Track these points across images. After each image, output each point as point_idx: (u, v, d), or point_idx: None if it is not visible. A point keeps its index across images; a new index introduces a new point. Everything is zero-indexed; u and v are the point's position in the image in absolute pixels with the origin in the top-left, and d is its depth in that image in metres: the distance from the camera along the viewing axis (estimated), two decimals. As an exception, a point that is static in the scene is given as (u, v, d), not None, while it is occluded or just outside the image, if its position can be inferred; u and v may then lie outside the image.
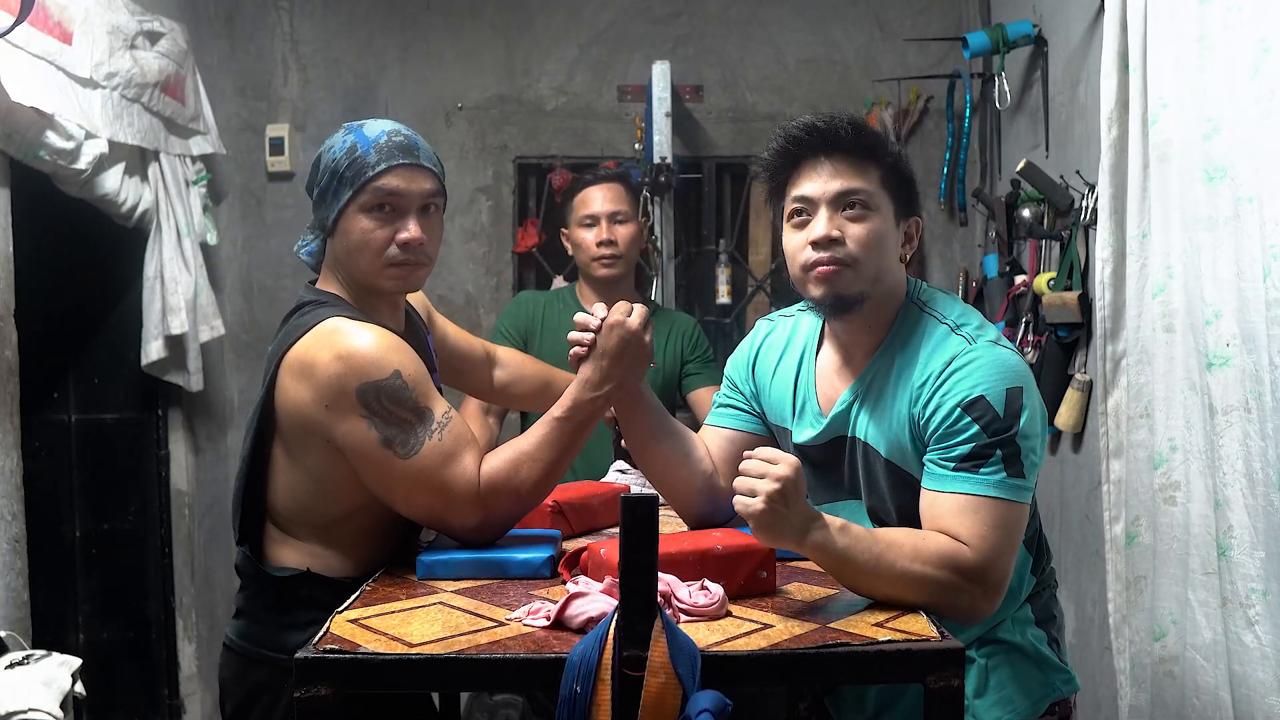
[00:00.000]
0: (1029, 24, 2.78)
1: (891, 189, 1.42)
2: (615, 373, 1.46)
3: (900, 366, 1.41)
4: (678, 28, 3.43)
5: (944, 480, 1.31)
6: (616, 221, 2.48)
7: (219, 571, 3.27)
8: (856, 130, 1.40)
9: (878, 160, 1.40)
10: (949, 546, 1.27)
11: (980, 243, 3.29)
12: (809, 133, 1.40)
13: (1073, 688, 1.47)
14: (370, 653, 1.09)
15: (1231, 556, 1.76)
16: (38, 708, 1.78)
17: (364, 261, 1.49)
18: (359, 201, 1.47)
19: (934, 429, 1.34)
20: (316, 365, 1.39)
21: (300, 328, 1.44)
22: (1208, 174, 1.83)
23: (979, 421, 1.30)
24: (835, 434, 1.48)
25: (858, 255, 1.38)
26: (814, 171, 1.40)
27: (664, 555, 1.12)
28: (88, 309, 2.89)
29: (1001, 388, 1.32)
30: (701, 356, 2.56)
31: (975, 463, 1.30)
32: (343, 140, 1.49)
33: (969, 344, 1.37)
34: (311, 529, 1.48)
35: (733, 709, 1.02)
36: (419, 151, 1.50)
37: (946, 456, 1.32)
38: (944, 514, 1.30)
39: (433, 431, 1.41)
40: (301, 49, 3.40)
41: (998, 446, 1.30)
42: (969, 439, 1.30)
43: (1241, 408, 1.75)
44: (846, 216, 1.39)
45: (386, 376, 1.38)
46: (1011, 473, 1.30)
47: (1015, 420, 1.30)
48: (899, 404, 1.40)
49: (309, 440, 1.42)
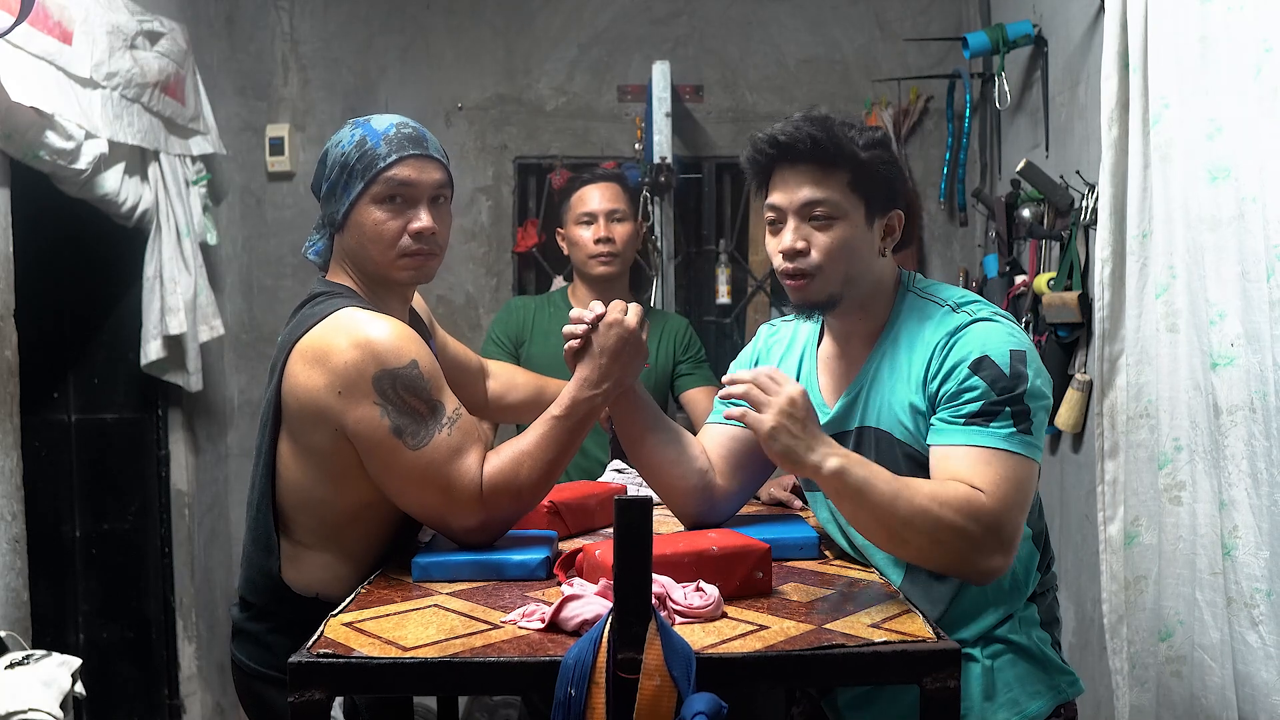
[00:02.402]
0: (1029, 24, 2.78)
1: (863, 190, 1.43)
2: (613, 370, 1.47)
3: (905, 348, 1.44)
4: (678, 28, 3.43)
5: (955, 434, 1.34)
6: (614, 220, 2.48)
7: (219, 571, 3.28)
8: (815, 143, 1.40)
9: (844, 166, 1.41)
10: (966, 492, 1.29)
11: (980, 243, 3.28)
12: (772, 145, 1.43)
13: (1077, 690, 1.47)
14: (365, 656, 1.09)
15: (1236, 556, 1.76)
16: (38, 708, 1.78)
17: (377, 253, 1.49)
18: (371, 193, 1.47)
19: (943, 394, 1.37)
20: (331, 352, 1.38)
21: (313, 316, 1.43)
22: (1210, 174, 1.83)
23: (985, 379, 1.33)
24: (841, 427, 1.49)
25: (822, 264, 1.42)
26: (782, 180, 1.44)
27: (659, 557, 1.12)
28: (88, 309, 2.89)
29: (1005, 349, 1.35)
30: (694, 357, 2.56)
31: (985, 418, 1.33)
32: (350, 134, 1.49)
33: (969, 317, 1.41)
34: (320, 533, 1.46)
35: (728, 711, 1.02)
36: (428, 143, 1.51)
37: (956, 414, 1.35)
38: (957, 466, 1.33)
39: (443, 425, 1.41)
40: (301, 49, 3.40)
41: (1006, 404, 1.33)
42: (978, 396, 1.34)
43: (1246, 408, 1.75)
44: (813, 225, 1.43)
45: (404, 365, 1.38)
46: (1021, 429, 1.33)
47: (1021, 381, 1.34)
48: (908, 384, 1.42)
49: (317, 429, 1.41)
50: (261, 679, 1.47)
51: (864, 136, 1.43)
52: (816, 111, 1.46)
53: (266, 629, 1.47)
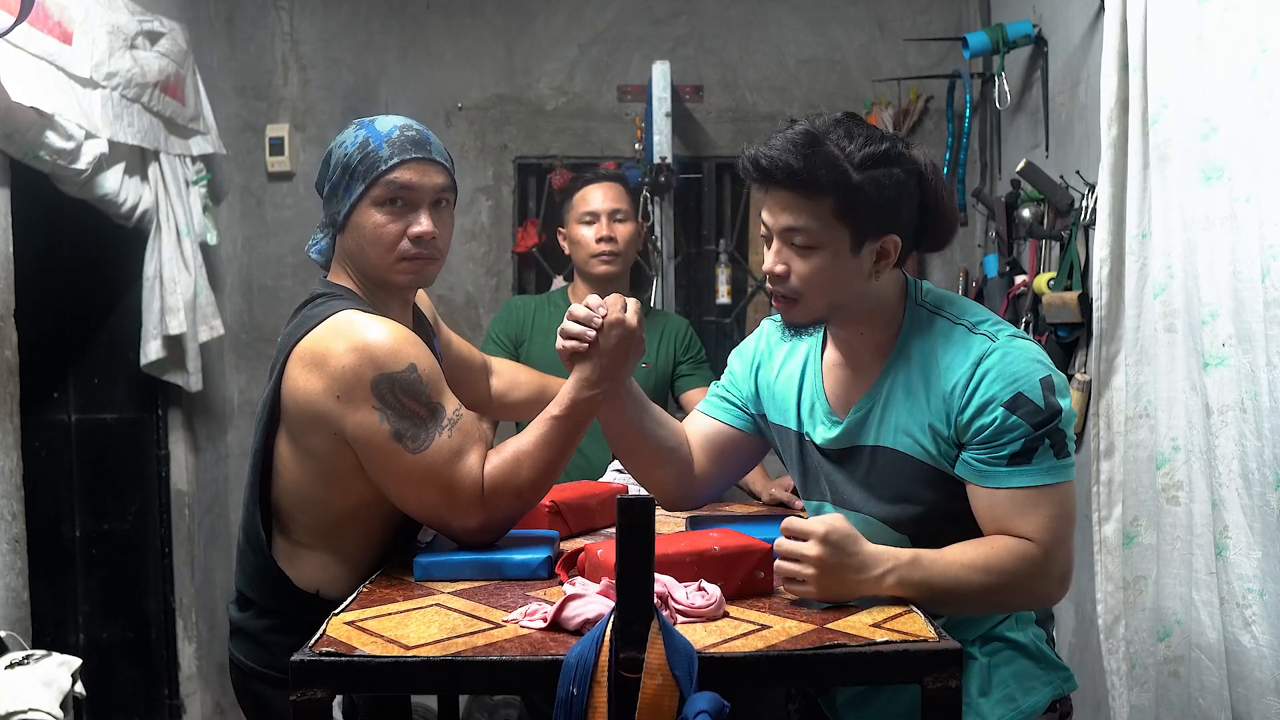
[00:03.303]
0: (1029, 24, 2.78)
1: (849, 217, 1.33)
2: (613, 370, 1.47)
3: (922, 371, 1.40)
4: (678, 28, 3.43)
5: (999, 478, 1.34)
6: (616, 220, 2.48)
7: (219, 571, 3.28)
8: (793, 174, 1.32)
9: (828, 193, 1.32)
10: (1017, 547, 1.32)
11: (980, 243, 3.29)
12: (755, 167, 1.36)
13: (1071, 685, 1.48)
14: (367, 655, 1.09)
15: (1228, 557, 1.76)
16: (38, 708, 1.78)
17: (376, 256, 1.49)
18: (371, 195, 1.47)
19: (976, 430, 1.34)
20: (330, 356, 1.38)
21: (313, 319, 1.43)
22: (1205, 174, 1.83)
23: (1023, 417, 1.32)
24: (851, 442, 1.47)
25: (802, 291, 1.38)
26: (770, 199, 1.39)
27: (661, 556, 1.12)
28: (88, 309, 2.89)
29: (1036, 380, 1.33)
30: (694, 357, 2.56)
31: (1027, 455, 1.32)
32: (354, 135, 1.49)
33: (991, 341, 1.37)
34: (318, 533, 1.46)
35: (730, 710, 1.02)
36: (431, 146, 1.50)
37: (997, 455, 1.34)
38: (1005, 512, 1.34)
39: (443, 427, 1.40)
40: (301, 49, 3.40)
41: (1045, 436, 1.33)
42: (1018, 436, 1.32)
43: (1237, 408, 1.75)
44: (793, 250, 1.37)
45: (402, 369, 1.38)
46: (1060, 455, 1.33)
47: (1056, 410, 1.33)
48: (927, 407, 1.39)
49: (315, 432, 1.41)
50: (260, 678, 1.46)
51: (864, 152, 1.32)
52: (816, 124, 1.36)
53: (264, 628, 1.47)
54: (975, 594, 1.30)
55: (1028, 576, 1.31)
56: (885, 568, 1.26)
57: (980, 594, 1.30)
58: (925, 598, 1.27)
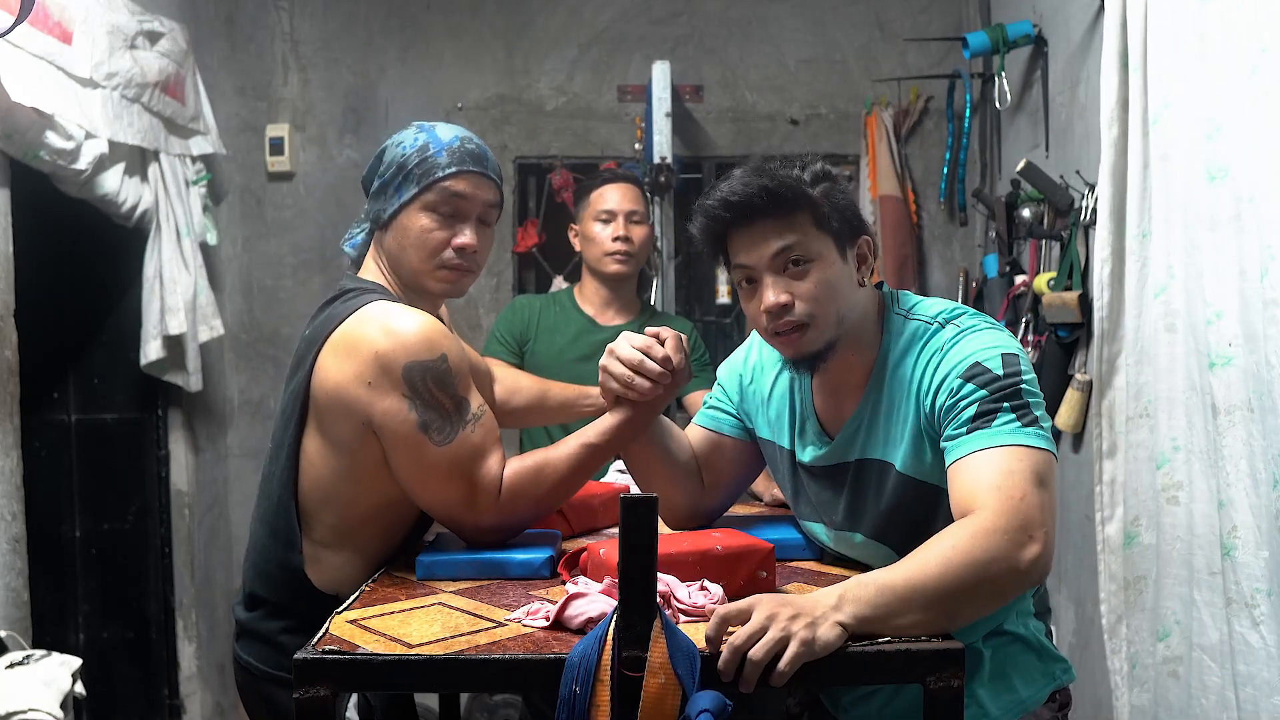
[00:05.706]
0: (1029, 24, 2.78)
1: (827, 226, 1.36)
2: (657, 412, 1.51)
3: (900, 375, 1.40)
4: (678, 28, 3.43)
5: (961, 446, 1.28)
6: (633, 221, 2.48)
7: (219, 571, 3.27)
8: (770, 194, 1.33)
9: (803, 205, 1.35)
10: (967, 526, 1.20)
11: (980, 243, 3.29)
12: (727, 208, 1.35)
13: (1070, 677, 1.49)
14: (369, 653, 1.09)
15: (1236, 557, 1.76)
16: (38, 708, 1.78)
17: (417, 259, 1.49)
18: (424, 199, 1.48)
19: (941, 409, 1.32)
20: (363, 341, 1.38)
21: (345, 312, 1.43)
22: (1209, 174, 1.83)
23: (980, 383, 1.29)
24: (839, 459, 1.46)
25: (813, 312, 1.36)
26: (744, 239, 1.36)
27: (663, 555, 1.12)
28: (88, 309, 2.89)
29: (996, 353, 1.31)
30: (698, 361, 2.56)
31: (986, 418, 1.27)
32: (414, 138, 1.50)
33: (956, 329, 1.37)
34: (340, 532, 1.45)
35: (732, 709, 1.02)
36: (488, 162, 1.52)
37: (958, 425, 1.29)
38: (966, 480, 1.26)
39: (468, 423, 1.41)
40: (301, 49, 3.40)
41: (1004, 400, 1.28)
42: (974, 400, 1.29)
43: (1244, 407, 1.75)
44: (790, 275, 1.36)
45: (434, 359, 1.38)
46: (1025, 421, 1.27)
47: (1016, 378, 1.29)
48: (906, 410, 1.38)
49: (344, 421, 1.40)
50: (272, 681, 1.45)
51: (808, 171, 1.37)
52: (755, 161, 1.38)
53: (279, 628, 1.46)
54: (939, 583, 1.15)
55: (984, 542, 1.17)
56: (838, 592, 1.14)
57: (945, 581, 1.15)
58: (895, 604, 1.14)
